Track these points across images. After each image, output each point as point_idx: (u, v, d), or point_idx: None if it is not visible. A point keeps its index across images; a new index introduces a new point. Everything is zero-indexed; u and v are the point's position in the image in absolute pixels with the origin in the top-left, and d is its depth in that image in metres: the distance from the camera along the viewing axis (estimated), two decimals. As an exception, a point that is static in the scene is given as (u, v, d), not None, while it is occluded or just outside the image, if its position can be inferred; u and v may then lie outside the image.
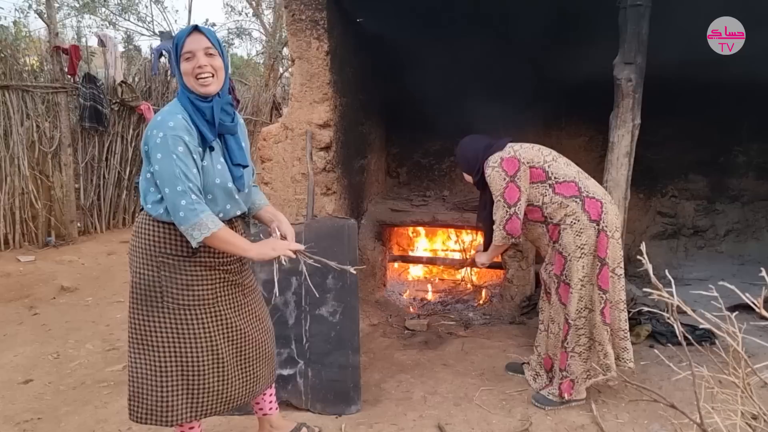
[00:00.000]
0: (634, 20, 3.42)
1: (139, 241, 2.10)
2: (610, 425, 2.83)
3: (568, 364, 2.95)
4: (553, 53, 4.62)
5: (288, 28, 3.77)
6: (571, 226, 2.88)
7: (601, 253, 2.84)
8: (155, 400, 2.15)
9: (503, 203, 2.93)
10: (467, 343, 3.91)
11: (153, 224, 2.07)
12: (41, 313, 4.65)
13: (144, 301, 2.11)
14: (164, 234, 2.07)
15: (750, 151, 5.73)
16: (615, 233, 2.89)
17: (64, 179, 6.32)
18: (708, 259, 5.63)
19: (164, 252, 2.07)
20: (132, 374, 2.18)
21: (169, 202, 1.96)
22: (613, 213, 2.92)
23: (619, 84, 3.49)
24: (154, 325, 2.11)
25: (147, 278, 2.09)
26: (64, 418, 3.02)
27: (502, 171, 2.93)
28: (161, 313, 2.10)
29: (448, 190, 5.86)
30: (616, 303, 2.93)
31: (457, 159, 3.26)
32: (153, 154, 1.95)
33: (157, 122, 1.98)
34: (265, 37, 14.97)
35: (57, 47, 6.06)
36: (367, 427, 2.85)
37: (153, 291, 2.09)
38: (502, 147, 3.02)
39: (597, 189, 2.97)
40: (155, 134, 1.95)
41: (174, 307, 2.10)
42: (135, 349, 2.16)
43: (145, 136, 2.01)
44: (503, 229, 2.96)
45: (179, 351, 2.13)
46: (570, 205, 2.88)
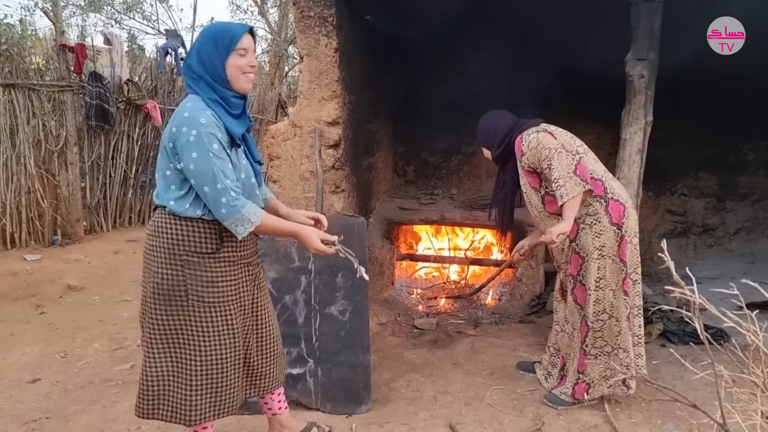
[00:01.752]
0: (647, 16, 3.39)
1: (159, 240, 2.07)
2: (624, 425, 2.80)
3: (586, 366, 2.91)
4: (562, 50, 4.59)
5: (296, 25, 3.75)
6: (590, 227, 2.80)
7: (623, 258, 2.79)
8: (180, 399, 2.14)
9: (565, 153, 2.73)
10: (477, 342, 3.88)
11: (175, 221, 2.05)
12: (48, 312, 4.65)
13: (167, 301, 2.08)
14: (188, 231, 2.06)
15: (760, 149, 5.69)
16: (634, 239, 2.84)
17: (70, 178, 6.30)
18: (718, 257, 5.59)
19: (188, 250, 2.06)
20: (154, 375, 2.15)
21: (209, 200, 1.97)
22: (634, 218, 2.85)
23: (631, 80, 3.46)
24: (179, 325, 2.11)
25: (170, 277, 2.06)
26: (73, 417, 3.00)
27: (547, 135, 2.82)
28: (186, 312, 2.09)
29: (456, 189, 5.84)
30: (632, 308, 2.89)
31: (479, 131, 3.10)
32: (186, 152, 1.94)
33: (186, 119, 1.95)
34: (270, 35, 14.95)
35: (63, 45, 6.05)
36: (377, 427, 2.82)
37: (177, 290, 2.07)
38: (537, 124, 2.93)
39: (622, 192, 2.88)
40: (186, 132, 1.93)
41: (199, 305, 2.09)
42: (157, 349, 2.13)
43: (171, 133, 1.98)
44: (574, 173, 2.66)
45: (204, 349, 2.12)
46: (593, 205, 2.78)
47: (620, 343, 2.85)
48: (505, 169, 3.06)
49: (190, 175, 1.96)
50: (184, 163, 1.95)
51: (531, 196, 2.98)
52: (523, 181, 2.99)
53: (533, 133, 2.84)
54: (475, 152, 5.94)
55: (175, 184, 2.03)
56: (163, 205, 2.07)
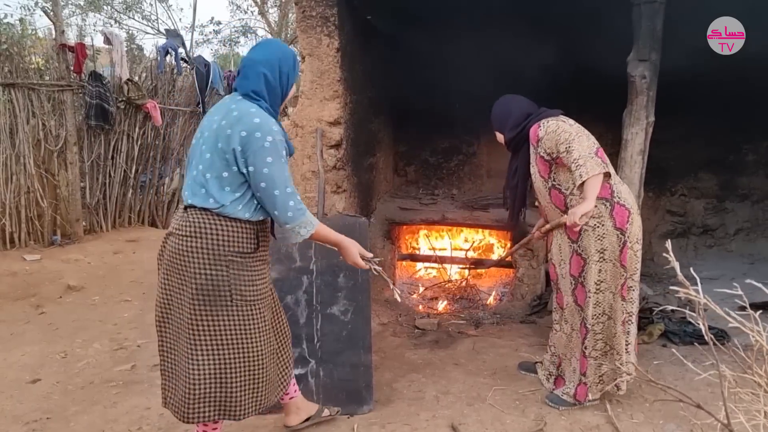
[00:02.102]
0: (648, 17, 3.40)
1: (201, 241, 2.08)
2: (625, 425, 2.80)
3: (587, 368, 2.90)
4: (564, 50, 4.59)
5: (298, 25, 3.75)
6: (593, 229, 2.77)
7: (624, 263, 2.78)
8: (225, 396, 2.19)
9: (585, 137, 2.74)
10: (478, 343, 3.88)
11: (220, 222, 2.09)
12: (48, 312, 4.64)
13: (211, 301, 2.12)
14: (233, 232, 2.11)
15: (760, 150, 5.69)
16: (635, 245, 2.82)
17: (70, 178, 6.28)
18: (718, 258, 5.59)
19: (233, 250, 2.11)
20: (198, 377, 2.16)
21: (278, 203, 2.07)
22: (638, 224, 2.83)
23: (633, 81, 3.47)
24: (223, 324, 2.15)
25: (215, 278, 2.10)
26: (73, 418, 2.99)
27: (567, 122, 2.81)
28: (229, 311, 2.14)
29: (457, 189, 5.84)
30: (626, 314, 2.89)
31: (493, 113, 3.10)
32: (259, 156, 2.01)
33: (258, 124, 2.03)
34: (270, 35, 14.95)
35: (63, 45, 6.03)
36: (379, 427, 2.82)
37: (222, 290, 2.11)
38: (556, 115, 2.92)
39: (629, 197, 2.85)
40: (262, 137, 2.02)
41: (242, 303, 2.16)
42: (202, 351, 2.16)
43: (241, 136, 2.03)
44: (595, 155, 2.64)
45: (245, 346, 2.19)
46: (598, 207, 2.73)
47: (615, 345, 2.86)
48: (518, 155, 3.04)
49: (261, 178, 2.03)
50: (255, 166, 2.02)
51: (539, 187, 2.97)
52: (533, 170, 2.97)
53: (552, 123, 2.82)
54: (475, 152, 5.95)
55: (232, 186, 2.07)
56: (206, 207, 2.08)
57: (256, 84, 2.13)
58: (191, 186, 2.13)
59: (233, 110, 2.09)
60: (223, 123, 2.07)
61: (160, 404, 3.05)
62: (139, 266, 5.87)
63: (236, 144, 2.02)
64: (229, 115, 2.09)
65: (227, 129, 2.05)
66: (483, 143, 5.88)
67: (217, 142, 2.06)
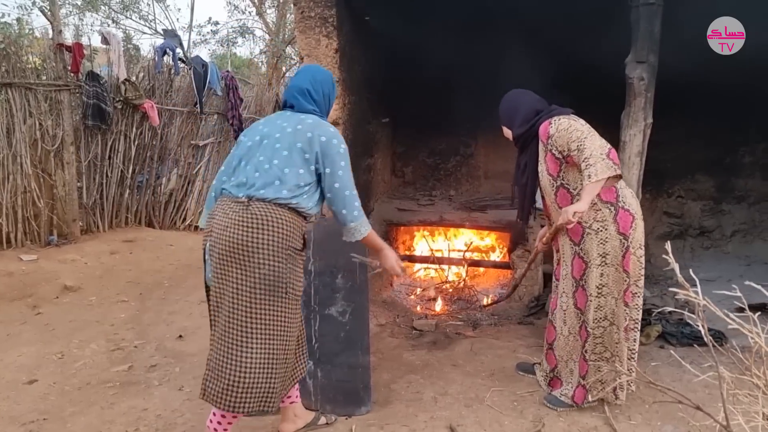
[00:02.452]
0: (646, 18, 3.40)
1: (270, 234, 2.22)
2: (623, 427, 2.81)
3: (587, 373, 2.89)
4: (562, 51, 4.59)
5: (297, 26, 3.75)
6: (596, 233, 2.76)
7: (627, 268, 2.77)
8: (266, 388, 2.27)
9: (597, 136, 2.68)
10: (476, 344, 3.88)
11: (287, 216, 2.26)
12: (44, 312, 4.62)
13: (271, 292, 2.23)
14: (294, 228, 2.29)
15: (756, 152, 5.71)
16: (638, 250, 2.81)
17: (67, 178, 6.26)
18: (714, 259, 5.60)
19: (291, 245, 2.28)
20: (242, 367, 2.23)
21: (347, 202, 2.34)
22: (641, 230, 2.81)
23: (631, 83, 3.47)
24: (276, 316, 2.27)
25: (277, 270, 2.23)
26: (70, 419, 2.98)
27: (578, 121, 2.79)
28: (283, 304, 2.28)
29: (454, 190, 5.85)
30: (629, 320, 2.88)
31: (501, 108, 3.05)
32: (337, 161, 2.31)
33: (334, 133, 2.37)
34: (268, 36, 14.94)
35: (60, 45, 6.01)
36: (378, 429, 2.82)
37: (281, 282, 2.24)
38: (567, 114, 2.87)
39: (633, 201, 2.84)
40: (338, 144, 2.34)
41: (292, 298, 2.31)
42: (254, 339, 2.24)
43: (321, 141, 2.30)
44: (607, 156, 2.57)
45: (287, 339, 2.33)
46: (602, 211, 2.74)
47: (617, 351, 2.84)
48: (526, 152, 2.98)
49: (335, 180, 2.31)
50: (331, 168, 2.31)
51: (545, 186, 2.93)
52: (541, 168, 2.91)
53: (564, 120, 2.78)
54: (473, 153, 5.96)
55: (304, 180, 2.29)
56: (278, 197, 2.25)
57: (308, 102, 2.43)
58: (262, 178, 2.27)
59: (304, 118, 2.37)
60: (300, 127, 2.33)
61: (158, 406, 3.09)
62: (136, 267, 5.86)
63: (317, 147, 2.30)
64: (303, 122, 2.36)
65: (307, 132, 2.31)
66: (480, 144, 5.90)
67: (296, 142, 2.29)
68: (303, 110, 2.42)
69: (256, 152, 2.34)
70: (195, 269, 5.90)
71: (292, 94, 2.46)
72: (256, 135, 2.40)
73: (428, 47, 5.04)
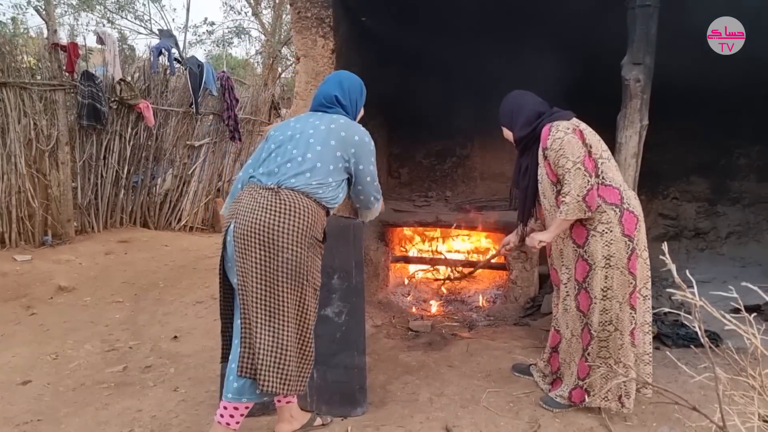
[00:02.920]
0: (642, 21, 3.40)
1: (297, 220, 2.29)
2: (619, 428, 2.80)
3: (588, 375, 2.87)
4: (557, 54, 4.60)
5: (293, 26, 3.74)
6: (601, 235, 2.73)
7: (633, 271, 2.75)
8: (281, 371, 2.31)
9: (583, 171, 2.65)
10: (472, 345, 3.88)
11: (314, 208, 2.36)
12: (39, 313, 4.61)
13: (291, 278, 2.29)
14: (318, 219, 2.38)
15: (751, 154, 5.75)
16: (644, 252, 2.79)
17: (62, 178, 6.25)
18: (709, 261, 5.63)
19: (314, 234, 2.36)
20: (275, 348, 2.29)
21: (373, 191, 2.62)
22: (644, 231, 2.81)
23: (627, 84, 3.47)
24: (295, 302, 2.34)
25: (300, 257, 2.30)
26: (65, 419, 2.96)
27: (575, 137, 2.72)
28: (303, 292, 2.34)
29: (450, 191, 5.86)
30: (641, 325, 2.85)
31: (502, 109, 3.03)
32: (367, 157, 2.51)
33: (365, 132, 2.53)
34: (264, 36, 14.92)
35: (55, 44, 6.00)
36: (373, 430, 2.81)
37: (302, 269, 2.31)
38: (568, 118, 2.84)
39: (637, 203, 2.82)
40: (369, 142, 2.52)
41: (311, 286, 2.37)
42: (272, 322, 2.30)
43: (354, 140, 2.45)
44: (583, 200, 2.63)
45: (304, 327, 2.40)
46: (607, 212, 2.72)
47: (621, 357, 2.80)
48: (528, 154, 2.95)
49: (366, 174, 2.53)
50: (364, 165, 2.50)
51: (546, 188, 2.90)
52: (541, 171, 2.88)
53: (561, 132, 2.73)
54: (469, 155, 5.96)
55: (333, 175, 2.41)
56: (308, 184, 2.35)
57: (337, 107, 2.56)
58: (294, 169, 2.36)
59: (337, 118, 2.49)
60: (333, 126, 2.45)
61: (153, 407, 3.07)
62: (131, 267, 5.84)
63: (351, 146, 2.43)
64: (336, 121, 2.48)
65: (341, 131, 2.43)
66: (476, 146, 5.91)
67: (330, 139, 2.41)
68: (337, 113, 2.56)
69: (288, 145, 2.43)
70: (190, 270, 5.89)
71: (319, 101, 2.59)
72: (288, 130, 2.49)
73: (424, 48, 5.05)
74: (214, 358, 3.66)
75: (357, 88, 2.67)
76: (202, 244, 7.12)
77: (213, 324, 4.35)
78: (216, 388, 3.19)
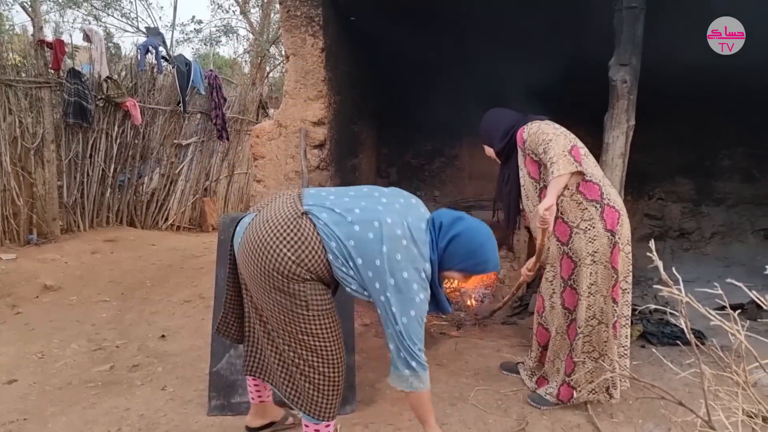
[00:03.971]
0: (629, 22, 3.44)
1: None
2: (606, 425, 2.83)
3: (574, 371, 2.91)
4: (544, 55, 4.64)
5: (282, 25, 3.74)
6: (585, 232, 2.79)
7: (615, 265, 2.79)
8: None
9: (563, 136, 2.75)
10: (460, 343, 3.90)
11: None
12: (24, 312, 4.57)
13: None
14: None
15: (735, 155, 5.83)
16: (626, 246, 2.83)
17: (47, 176, 6.19)
18: (694, 261, 5.70)
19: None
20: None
21: (404, 350, 2.23)
22: (627, 226, 2.85)
23: (614, 85, 3.51)
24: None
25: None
26: (51, 419, 2.94)
27: (551, 126, 2.84)
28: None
29: (439, 191, 5.88)
30: (620, 318, 2.89)
31: (481, 128, 3.13)
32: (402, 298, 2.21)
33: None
34: (252, 35, 14.88)
35: (41, 41, 5.95)
36: (363, 427, 2.82)
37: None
38: (542, 119, 2.95)
39: (617, 199, 2.88)
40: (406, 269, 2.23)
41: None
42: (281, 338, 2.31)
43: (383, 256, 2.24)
44: (569, 153, 2.67)
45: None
46: (589, 209, 2.77)
47: (606, 350, 2.86)
48: (509, 163, 3.07)
49: (395, 318, 2.21)
50: (397, 308, 2.22)
51: (529, 190, 2.97)
52: (522, 173, 2.98)
53: (535, 126, 2.86)
54: (458, 155, 5.99)
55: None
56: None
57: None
58: None
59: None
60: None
61: (140, 405, 3.06)
62: (117, 266, 5.81)
63: None
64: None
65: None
66: (465, 146, 5.93)
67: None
68: None
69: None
70: (177, 269, 5.87)
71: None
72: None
73: (413, 48, 5.07)
74: (202, 357, 3.66)
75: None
76: (189, 244, 7.11)
77: (201, 323, 4.34)
78: (204, 386, 3.20)
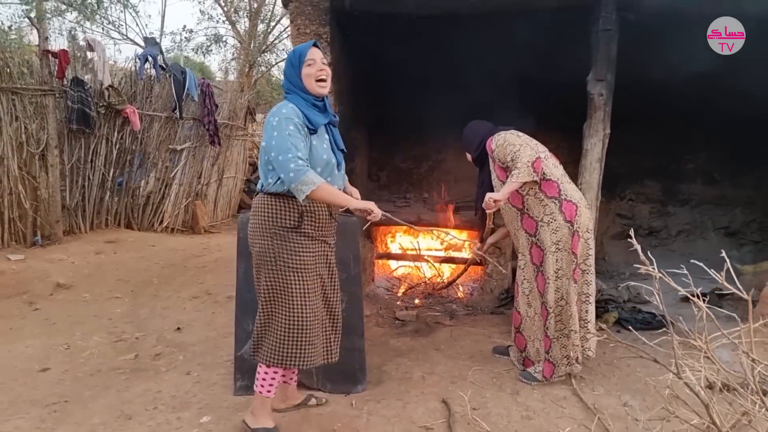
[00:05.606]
0: (605, 42, 3.87)
1: (256, 218, 2.61)
2: (588, 396, 3.23)
3: (551, 348, 3.34)
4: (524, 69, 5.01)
5: (293, 41, 4.08)
6: (548, 225, 3.26)
7: (575, 250, 3.24)
8: (272, 344, 2.65)
9: (528, 149, 3.18)
10: (455, 331, 4.28)
11: (269, 201, 2.56)
12: (42, 308, 4.78)
13: (262, 265, 2.61)
14: (277, 209, 2.56)
15: (698, 159, 6.31)
16: (585, 233, 3.30)
17: (51, 180, 6.39)
18: (661, 256, 6.07)
19: (276, 224, 2.57)
20: (259, 324, 2.70)
21: (281, 167, 2.41)
22: (586, 216, 3.31)
23: (591, 98, 3.94)
24: (271, 285, 2.61)
25: (263, 247, 2.58)
26: (90, 400, 3.18)
27: (515, 135, 3.29)
28: (275, 275, 2.60)
29: (427, 193, 6.24)
30: (579, 295, 3.34)
31: (462, 138, 3.60)
32: (267, 133, 2.45)
33: (272, 112, 2.50)
34: (239, 44, 15.07)
35: (46, 51, 6.17)
36: (375, 402, 3.15)
37: (267, 257, 2.58)
38: (507, 129, 3.39)
39: (575, 193, 3.33)
40: (271, 120, 2.46)
41: (285, 269, 2.58)
42: (261, 303, 2.68)
43: (263, 129, 2.50)
44: (531, 165, 3.12)
45: (288, 306, 2.61)
46: (549, 205, 3.25)
47: (572, 326, 3.30)
48: (484, 169, 3.52)
49: (270, 149, 2.43)
50: (266, 141, 2.45)
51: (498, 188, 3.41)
52: (493, 176, 3.43)
53: (501, 137, 3.32)
54: (444, 159, 6.37)
55: (272, 167, 2.50)
56: (261, 190, 2.60)
57: (284, 91, 2.62)
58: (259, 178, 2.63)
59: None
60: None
61: (170, 388, 3.33)
62: (122, 266, 6.04)
63: (263, 138, 2.52)
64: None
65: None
66: (450, 151, 6.30)
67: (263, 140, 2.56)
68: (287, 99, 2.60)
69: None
70: (181, 268, 6.13)
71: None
72: None
73: (403, 61, 5.42)
74: (219, 346, 3.95)
75: (286, 61, 2.67)
76: (186, 245, 7.36)
77: (212, 317, 4.63)
78: (226, 372, 3.50)
